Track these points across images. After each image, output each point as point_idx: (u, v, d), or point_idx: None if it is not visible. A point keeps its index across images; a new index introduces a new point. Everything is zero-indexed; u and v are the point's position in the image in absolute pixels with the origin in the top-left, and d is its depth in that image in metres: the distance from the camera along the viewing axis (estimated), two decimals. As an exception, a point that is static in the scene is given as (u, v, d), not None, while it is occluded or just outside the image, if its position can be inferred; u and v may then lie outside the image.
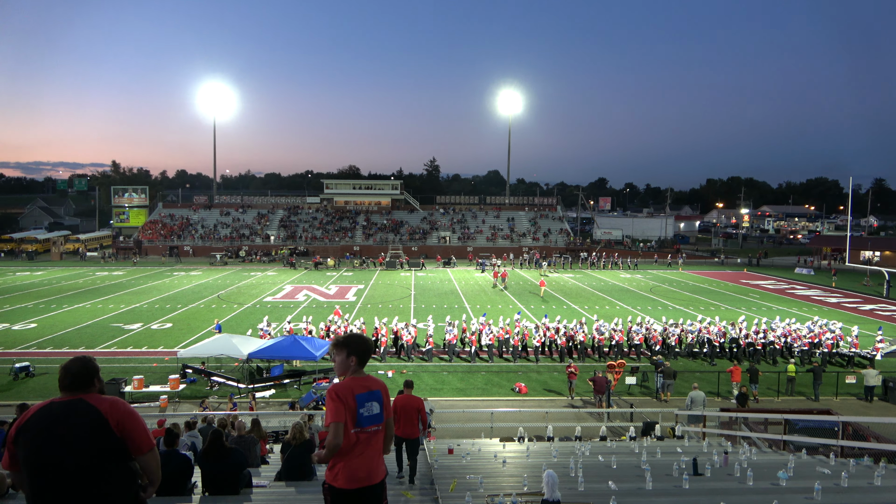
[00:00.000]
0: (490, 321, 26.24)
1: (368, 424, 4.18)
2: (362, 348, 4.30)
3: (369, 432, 4.19)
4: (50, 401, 3.49)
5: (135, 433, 3.51)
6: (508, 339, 24.57)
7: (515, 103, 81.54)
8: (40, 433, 3.34)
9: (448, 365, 23.42)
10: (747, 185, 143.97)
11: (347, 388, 4.16)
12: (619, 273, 54.38)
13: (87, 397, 3.49)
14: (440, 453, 11.14)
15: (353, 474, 4.11)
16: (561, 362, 23.93)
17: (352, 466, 4.12)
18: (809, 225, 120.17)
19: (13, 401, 18.64)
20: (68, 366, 3.57)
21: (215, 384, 20.80)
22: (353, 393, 4.15)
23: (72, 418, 3.38)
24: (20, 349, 24.92)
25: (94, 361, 3.59)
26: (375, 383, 4.33)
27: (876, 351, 24.14)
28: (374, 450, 4.27)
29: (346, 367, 4.26)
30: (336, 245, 65.97)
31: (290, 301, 37.23)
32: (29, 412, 3.46)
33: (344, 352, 4.26)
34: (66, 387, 3.52)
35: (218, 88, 78.91)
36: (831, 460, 9.77)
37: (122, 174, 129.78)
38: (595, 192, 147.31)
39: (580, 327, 25.36)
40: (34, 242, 65.90)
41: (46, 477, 3.30)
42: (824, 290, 44.38)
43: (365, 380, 4.29)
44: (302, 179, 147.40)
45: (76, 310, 33.40)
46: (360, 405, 4.14)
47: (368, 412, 4.17)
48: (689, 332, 25.39)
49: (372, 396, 4.22)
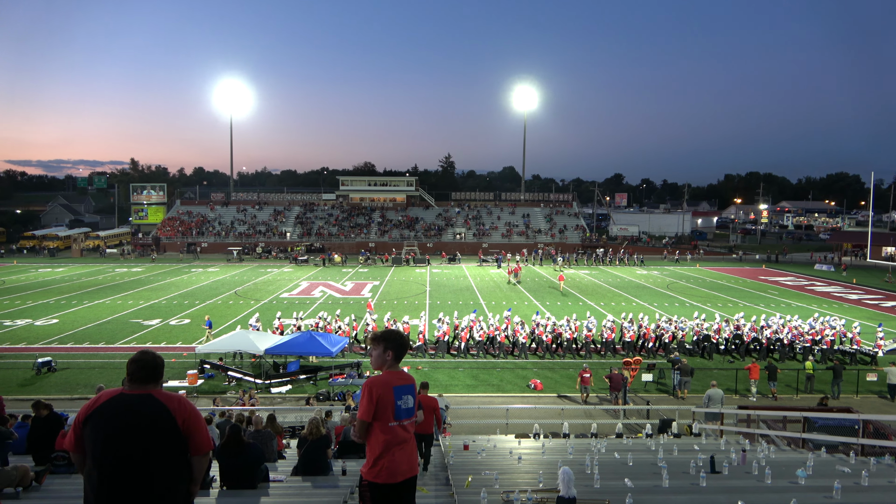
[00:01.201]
0: (480, 318, 26.11)
1: (405, 417, 4.26)
2: (398, 343, 4.38)
3: (407, 423, 4.27)
4: (120, 391, 3.55)
5: (198, 433, 3.59)
6: (496, 336, 24.48)
7: (531, 99, 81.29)
8: (110, 423, 3.41)
9: (462, 361, 23.44)
10: (766, 180, 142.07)
11: (385, 381, 4.23)
12: (636, 269, 54.02)
13: (156, 393, 3.56)
14: (456, 449, 11.16)
15: (397, 468, 4.17)
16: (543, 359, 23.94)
17: (395, 461, 4.18)
18: (830, 221, 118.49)
19: (36, 395, 18.98)
20: (139, 358, 3.61)
21: (233, 379, 21.01)
22: (391, 385, 4.22)
23: (142, 413, 3.45)
24: (42, 344, 25.34)
25: (160, 356, 3.66)
26: (410, 378, 4.43)
27: (878, 348, 23.83)
28: (412, 442, 4.35)
29: (382, 361, 4.33)
30: (352, 242, 66.23)
31: (307, 297, 37.44)
32: (99, 399, 3.50)
33: (381, 346, 4.33)
34: (136, 379, 3.57)
35: (234, 86, 79.49)
36: (851, 459, 9.64)
37: (140, 172, 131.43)
38: (611, 188, 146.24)
39: (566, 324, 25.16)
40: (55, 239, 66.95)
41: (111, 467, 3.36)
42: (845, 287, 43.74)
43: (400, 373, 4.38)
44: (318, 176, 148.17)
45: (96, 306, 33.89)
46: (397, 398, 4.20)
47: (405, 405, 4.26)
48: (681, 330, 25.16)
49: (408, 390, 4.31)
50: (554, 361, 23.77)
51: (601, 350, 24.73)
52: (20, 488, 6.99)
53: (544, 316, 26.68)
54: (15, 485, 6.97)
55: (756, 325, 25.60)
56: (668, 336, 24.68)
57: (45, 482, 7.56)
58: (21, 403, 17.65)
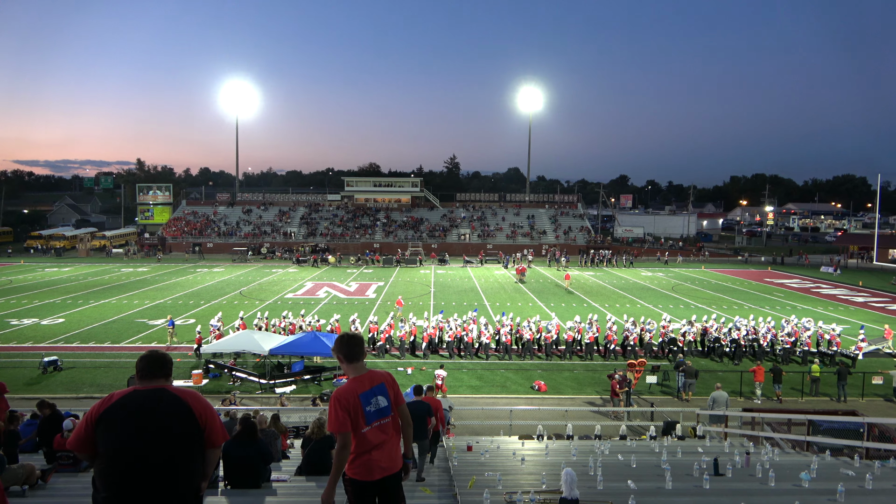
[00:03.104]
0: (448, 319, 26.14)
1: (378, 419, 4.25)
2: (342, 344, 4.35)
3: (381, 425, 4.27)
4: (133, 388, 3.55)
5: (215, 425, 3.59)
6: (463, 336, 24.47)
7: (536, 100, 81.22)
8: (126, 421, 3.37)
9: (465, 362, 23.44)
10: (772, 182, 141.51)
11: (349, 390, 4.22)
12: (641, 271, 53.91)
13: (169, 387, 3.56)
14: (459, 450, 11.18)
15: (375, 465, 4.21)
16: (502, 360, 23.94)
17: (372, 459, 4.21)
18: (836, 223, 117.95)
19: (42, 394, 19.08)
20: (149, 355, 3.64)
21: (238, 379, 21.07)
22: (356, 393, 4.21)
23: (159, 407, 3.44)
24: (49, 343, 25.47)
25: (168, 354, 3.70)
26: (379, 377, 4.39)
27: (858, 350, 23.76)
28: (392, 439, 4.34)
29: (343, 367, 4.37)
30: (357, 242, 66.30)
31: (311, 298, 37.52)
32: (112, 398, 3.48)
33: (337, 354, 4.37)
34: (147, 375, 3.57)
35: (240, 87, 79.73)
36: (856, 462, 9.62)
37: (146, 172, 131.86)
38: (616, 190, 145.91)
39: (528, 325, 25.11)
40: (62, 239, 67.29)
41: (129, 464, 3.33)
42: (851, 289, 43.55)
43: (367, 376, 4.34)
44: (323, 177, 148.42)
45: (102, 305, 34.03)
46: (365, 403, 4.20)
47: (375, 407, 4.24)
48: (648, 332, 25.10)
49: (377, 391, 4.29)
50: (553, 363, 23.73)
51: (559, 351, 24.69)
52: (26, 486, 7.06)
53: (508, 316, 26.65)
54: (21, 483, 7.03)
55: (724, 327, 25.55)
56: (633, 338, 24.60)
57: (50, 480, 7.63)
58: (27, 402, 17.75)
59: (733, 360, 23.89)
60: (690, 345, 24.73)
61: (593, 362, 23.85)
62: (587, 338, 24.60)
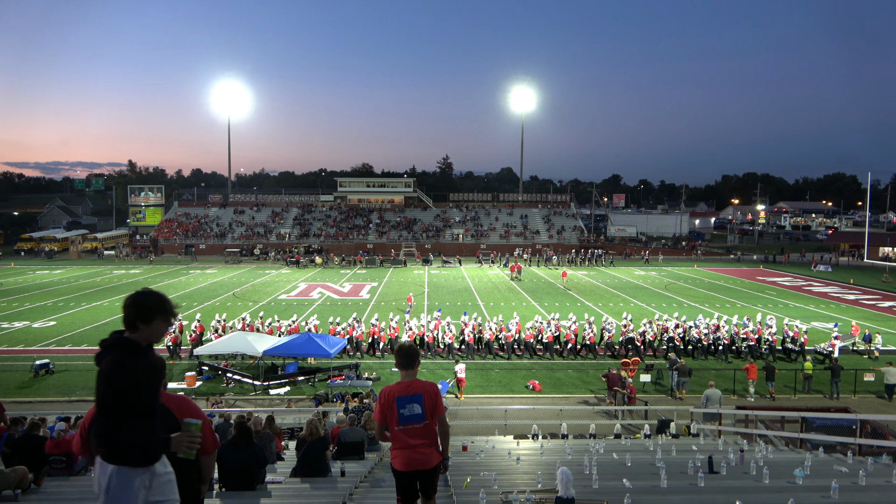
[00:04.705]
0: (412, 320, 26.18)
1: (410, 423, 4.88)
2: (404, 356, 5.02)
3: (412, 428, 4.89)
4: None
5: (203, 433, 3.55)
6: (423, 336, 24.58)
7: (528, 100, 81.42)
8: None
9: (469, 362, 23.43)
10: (763, 181, 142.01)
11: (388, 392, 4.96)
12: (634, 270, 54.08)
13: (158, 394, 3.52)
14: (454, 450, 11.16)
15: (408, 460, 4.87)
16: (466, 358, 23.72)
17: (405, 454, 4.88)
18: (827, 221, 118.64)
19: (34, 398, 18.99)
20: None
21: (231, 381, 20.99)
22: (394, 395, 4.90)
23: None
24: (40, 346, 25.30)
25: (161, 358, 3.42)
26: (420, 387, 4.98)
27: (832, 347, 23.90)
28: (424, 442, 4.91)
29: (402, 374, 5.04)
30: (350, 243, 66.20)
31: (305, 299, 37.42)
32: None
33: (396, 359, 5.05)
34: None
35: (232, 87, 79.42)
36: (849, 459, 9.68)
37: (138, 173, 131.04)
38: (609, 189, 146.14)
39: (488, 324, 25.28)
40: (53, 241, 66.86)
41: None
42: (842, 287, 43.81)
43: (409, 384, 4.98)
44: (315, 178, 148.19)
45: (94, 308, 33.83)
46: (400, 406, 4.87)
47: (410, 412, 4.88)
48: (607, 331, 25.28)
49: (414, 399, 4.90)
50: (553, 362, 23.76)
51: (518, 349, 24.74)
52: (19, 490, 6.99)
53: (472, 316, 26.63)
54: (14, 487, 6.96)
55: (684, 325, 25.66)
56: (589, 337, 24.68)
57: (43, 484, 7.56)
58: (20, 406, 17.64)
59: (694, 359, 24.04)
60: (650, 344, 24.75)
61: (587, 362, 23.90)
62: (545, 336, 24.58)
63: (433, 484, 5.05)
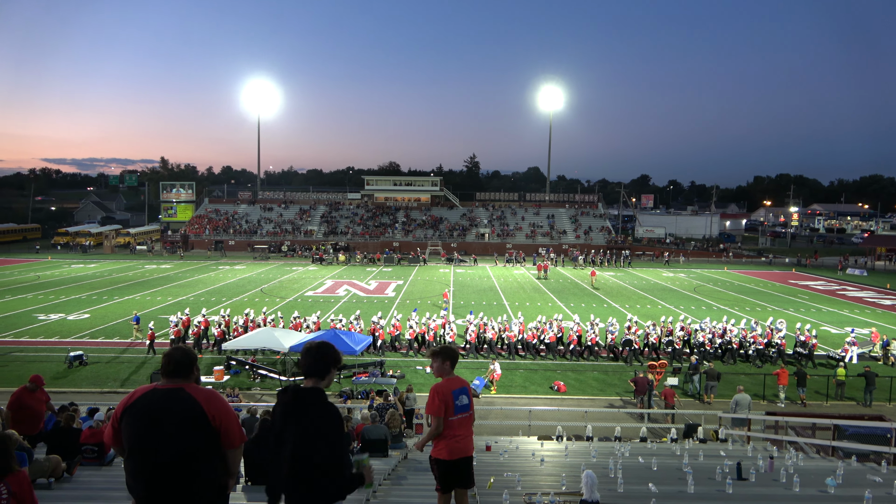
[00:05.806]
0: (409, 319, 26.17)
1: (462, 412, 5.55)
2: (453, 355, 5.68)
3: (464, 417, 5.56)
4: (153, 386, 3.62)
5: (230, 426, 3.63)
6: (424, 335, 24.63)
7: (556, 99, 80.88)
8: (142, 418, 3.47)
9: (484, 361, 23.38)
10: (797, 182, 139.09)
11: (447, 386, 5.54)
12: (662, 272, 53.37)
13: (187, 387, 3.60)
14: (478, 450, 11.15)
15: (454, 448, 5.46)
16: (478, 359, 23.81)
17: (453, 443, 5.46)
18: (863, 224, 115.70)
19: (68, 388, 19.45)
20: (170, 353, 3.70)
21: (258, 376, 21.26)
22: (451, 389, 5.51)
23: (172, 407, 3.50)
24: (74, 338, 25.93)
25: (193, 351, 3.64)
26: (464, 381, 5.69)
27: (845, 352, 23.30)
28: (468, 430, 5.62)
29: (443, 370, 5.59)
30: (376, 241, 66.53)
31: (331, 296, 37.72)
32: (136, 393, 3.58)
33: (439, 359, 5.58)
34: (168, 374, 3.63)
35: (262, 86, 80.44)
36: (883, 468, 9.43)
37: (170, 170, 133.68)
38: (637, 190, 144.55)
39: (490, 324, 25.16)
40: (88, 236, 68.54)
41: (144, 461, 3.43)
42: (878, 292, 42.67)
43: (456, 379, 5.64)
44: (343, 176, 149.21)
45: (126, 301, 34.56)
46: (455, 398, 5.49)
47: (461, 403, 5.53)
48: (609, 333, 24.91)
49: (462, 391, 5.57)
50: (578, 363, 23.58)
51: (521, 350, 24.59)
52: (52, 479, 7.17)
53: (478, 315, 26.44)
54: (48, 475, 7.14)
55: (688, 328, 25.20)
56: (591, 338, 24.37)
57: (75, 473, 7.74)
58: (54, 396, 18.04)
59: (723, 363, 23.61)
60: (653, 347, 24.37)
61: (612, 364, 23.67)
62: (547, 337, 24.43)
63: (471, 471, 5.68)
